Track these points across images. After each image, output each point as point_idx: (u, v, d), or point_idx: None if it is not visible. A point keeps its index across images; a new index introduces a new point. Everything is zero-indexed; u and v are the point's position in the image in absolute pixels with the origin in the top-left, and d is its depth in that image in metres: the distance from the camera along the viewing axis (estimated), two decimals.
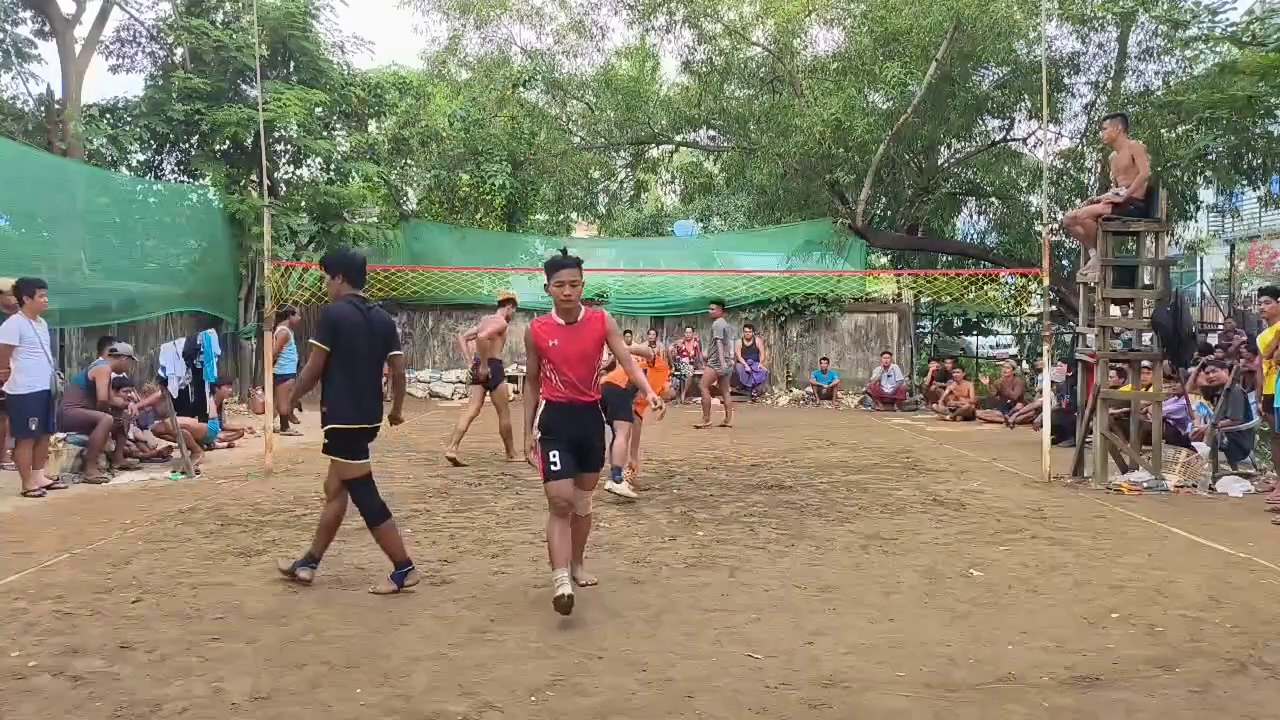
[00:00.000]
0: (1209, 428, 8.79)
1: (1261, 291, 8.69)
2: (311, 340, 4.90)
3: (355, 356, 4.86)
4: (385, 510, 5.04)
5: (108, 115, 15.21)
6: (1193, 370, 9.81)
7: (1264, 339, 7.99)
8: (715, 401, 13.57)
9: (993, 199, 19.59)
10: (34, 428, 7.58)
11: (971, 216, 21.45)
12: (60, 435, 8.42)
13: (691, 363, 17.26)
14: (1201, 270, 20.83)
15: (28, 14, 15.96)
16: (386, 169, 18.11)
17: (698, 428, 13.03)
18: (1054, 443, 9.28)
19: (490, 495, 7.71)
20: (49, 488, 7.72)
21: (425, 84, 20.62)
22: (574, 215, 25.43)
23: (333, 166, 17.05)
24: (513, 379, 17.51)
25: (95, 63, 16.46)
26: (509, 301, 10.47)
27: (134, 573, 5.22)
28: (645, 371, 5.76)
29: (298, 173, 17.29)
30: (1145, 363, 8.91)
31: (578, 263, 4.60)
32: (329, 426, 4.87)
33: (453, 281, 17.95)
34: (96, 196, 12.96)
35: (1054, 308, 15.00)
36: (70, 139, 14.59)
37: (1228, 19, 13.52)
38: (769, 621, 4.44)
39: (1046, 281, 9.47)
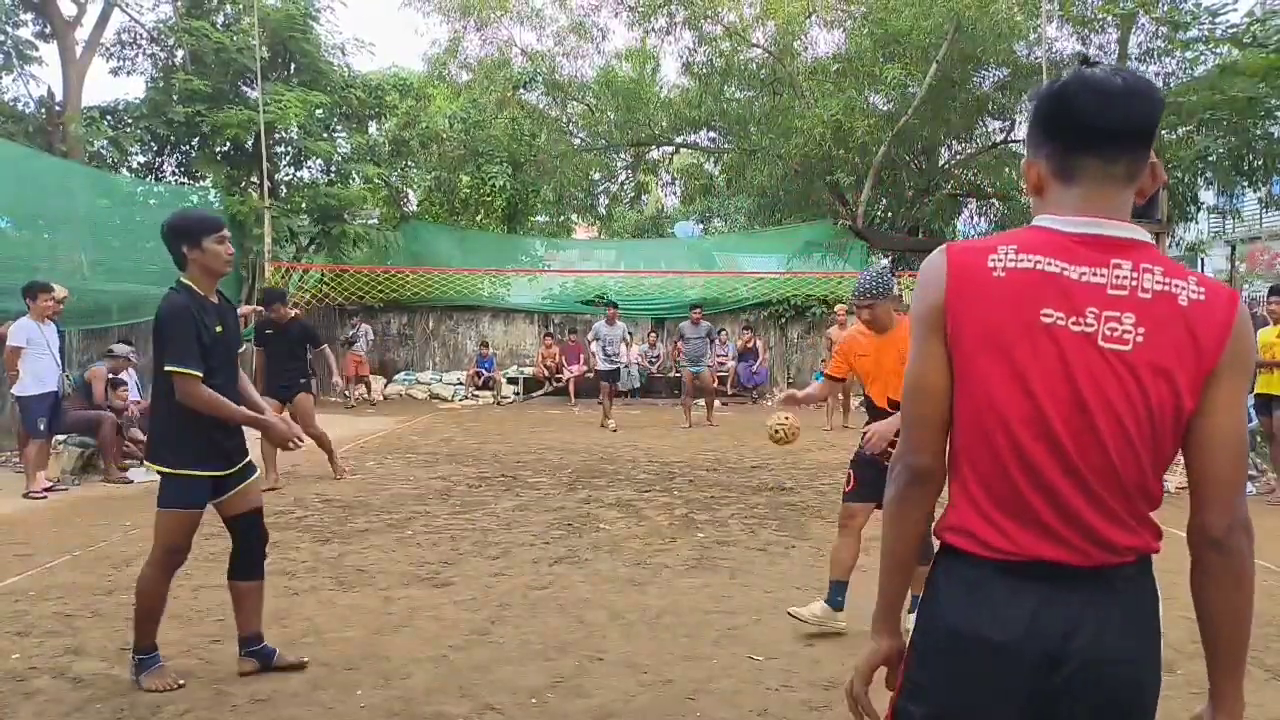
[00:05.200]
0: None
1: (1273, 290, 8.69)
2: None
3: None
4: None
5: (108, 117, 15.23)
6: None
7: (1264, 337, 7.99)
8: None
9: (994, 200, 19.61)
10: (43, 428, 7.66)
11: (972, 218, 21.45)
12: (60, 437, 8.45)
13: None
14: (1202, 271, 20.82)
15: (29, 16, 15.98)
16: (387, 170, 18.12)
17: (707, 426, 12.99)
18: None
19: (491, 497, 7.71)
20: (49, 489, 7.74)
21: (426, 85, 20.63)
22: (574, 217, 25.43)
23: (333, 168, 17.07)
24: (512, 380, 17.61)
25: (96, 65, 16.50)
26: None
27: (135, 574, 5.18)
28: None
29: (298, 174, 17.31)
30: None
31: None
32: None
33: (453, 283, 17.96)
34: (97, 198, 12.97)
35: None
36: (71, 141, 14.61)
37: (1228, 20, 13.52)
38: (770, 623, 4.43)
39: None
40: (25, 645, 4.06)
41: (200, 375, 3.47)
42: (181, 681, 3.63)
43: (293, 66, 16.13)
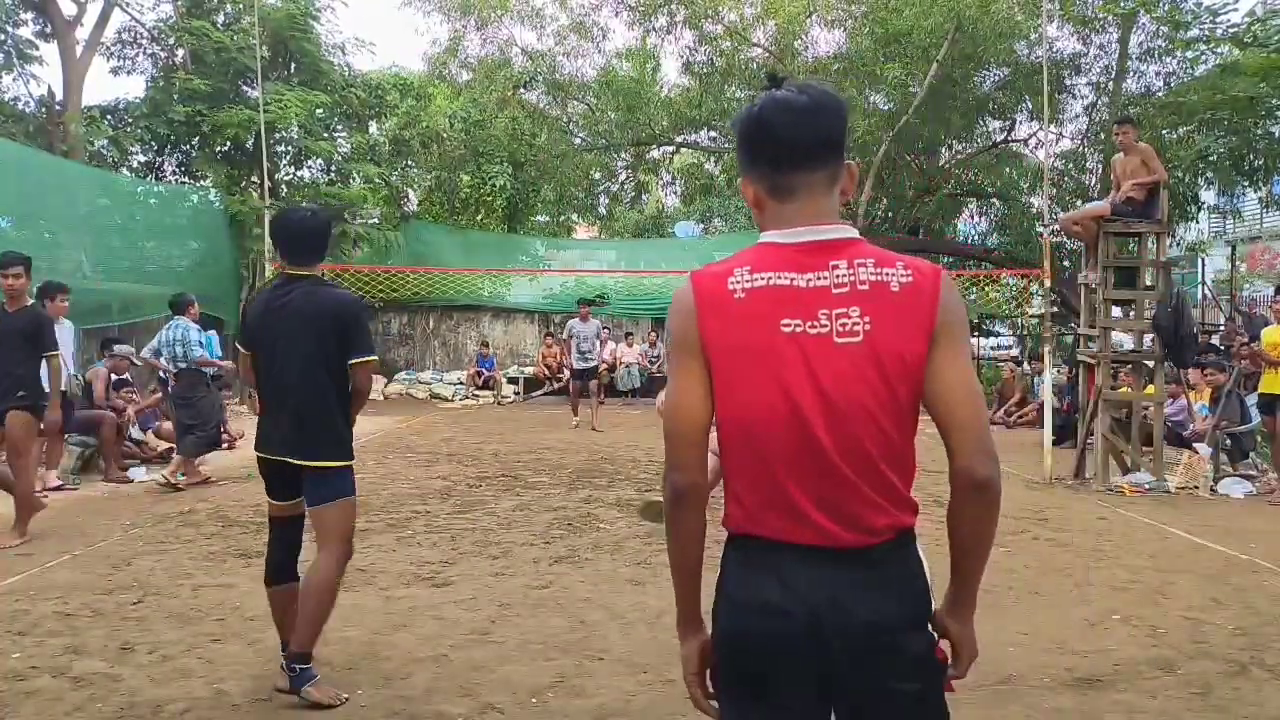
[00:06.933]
0: (1210, 429, 8.78)
1: (1279, 290, 8.70)
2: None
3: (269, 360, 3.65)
4: (282, 572, 3.71)
5: (109, 117, 15.25)
6: (1191, 372, 9.81)
7: (1270, 336, 7.99)
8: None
9: (994, 200, 19.59)
10: (43, 426, 7.67)
11: (973, 218, 21.45)
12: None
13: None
14: (1203, 271, 20.84)
15: (29, 15, 15.98)
16: (387, 170, 18.12)
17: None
18: (1055, 444, 9.27)
19: (491, 497, 7.71)
20: (57, 489, 7.76)
21: (426, 85, 20.64)
22: (575, 216, 25.42)
23: (334, 168, 17.07)
24: (512, 380, 17.59)
25: (96, 64, 16.50)
26: None
27: (135, 574, 5.22)
28: None
29: (299, 174, 17.32)
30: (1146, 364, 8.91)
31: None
32: None
33: (454, 283, 17.96)
34: (98, 198, 12.98)
35: (1055, 309, 15.00)
36: (71, 140, 14.60)
37: (1229, 20, 13.52)
38: None
39: (1048, 283, 9.47)
40: (25, 645, 4.05)
41: None
42: (346, 696, 3.48)
43: (293, 66, 16.13)
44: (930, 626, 1.61)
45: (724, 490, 1.63)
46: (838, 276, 1.53)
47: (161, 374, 9.14)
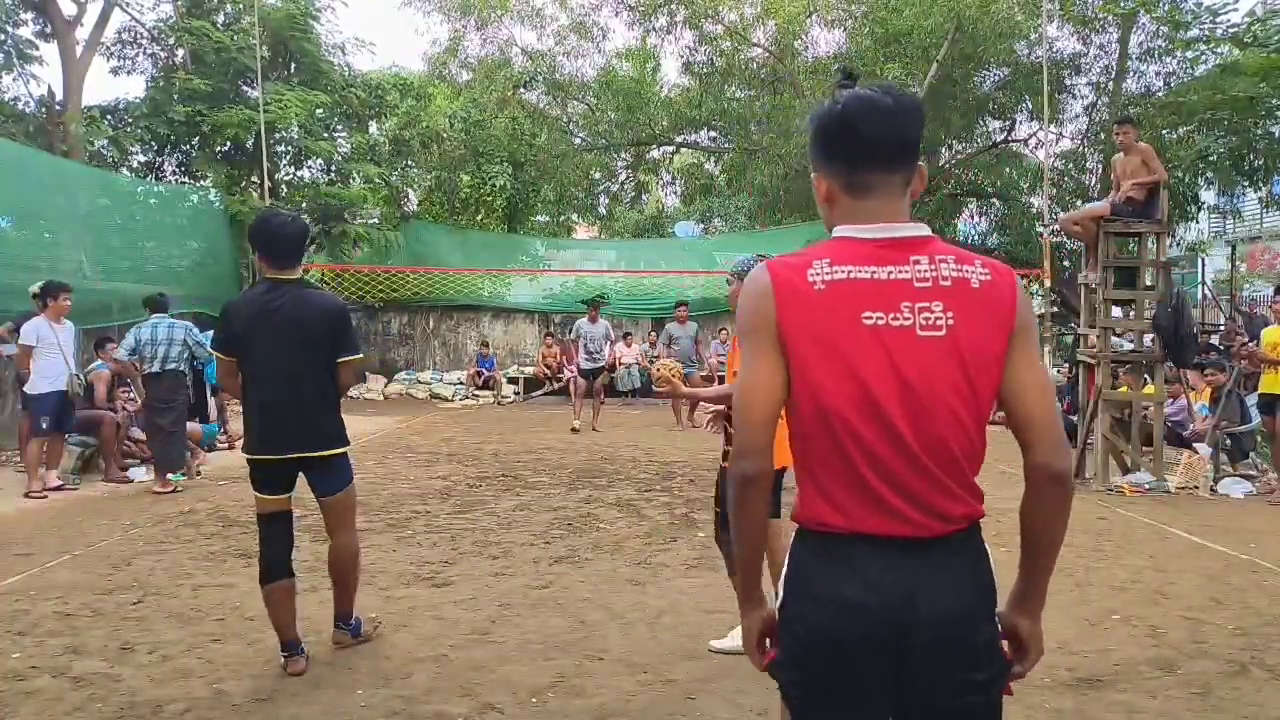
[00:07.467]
0: (1210, 429, 8.78)
1: (1278, 290, 8.70)
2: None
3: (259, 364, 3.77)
4: (279, 568, 3.80)
5: (109, 117, 15.27)
6: (1191, 373, 9.80)
7: (1270, 336, 7.99)
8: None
9: (994, 200, 19.61)
10: (45, 426, 7.72)
11: (973, 218, 21.45)
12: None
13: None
14: (1203, 271, 20.85)
15: (29, 15, 15.99)
16: (387, 170, 18.13)
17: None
18: None
19: (491, 496, 7.71)
20: (57, 489, 7.78)
21: (426, 85, 20.66)
22: (575, 216, 25.42)
23: (334, 168, 17.08)
24: (513, 380, 17.60)
25: (96, 64, 16.52)
26: None
27: (135, 574, 5.22)
28: None
29: (299, 174, 17.34)
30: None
31: None
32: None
33: (454, 282, 17.97)
34: (97, 198, 12.98)
35: (1055, 309, 15.01)
36: (71, 140, 14.62)
37: (1229, 20, 13.53)
38: None
39: (1048, 283, 9.47)
40: (25, 645, 4.05)
41: None
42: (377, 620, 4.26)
43: (293, 66, 16.15)
44: (997, 620, 1.63)
45: (797, 482, 1.63)
46: (919, 271, 1.55)
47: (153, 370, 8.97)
